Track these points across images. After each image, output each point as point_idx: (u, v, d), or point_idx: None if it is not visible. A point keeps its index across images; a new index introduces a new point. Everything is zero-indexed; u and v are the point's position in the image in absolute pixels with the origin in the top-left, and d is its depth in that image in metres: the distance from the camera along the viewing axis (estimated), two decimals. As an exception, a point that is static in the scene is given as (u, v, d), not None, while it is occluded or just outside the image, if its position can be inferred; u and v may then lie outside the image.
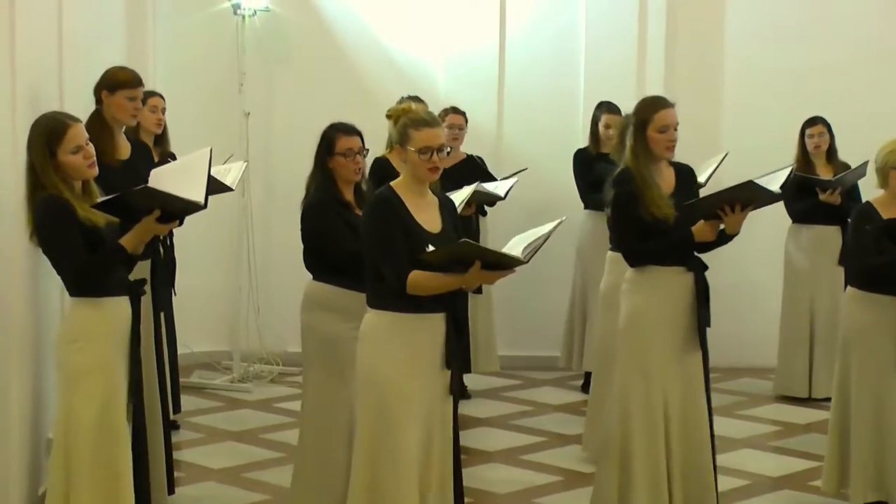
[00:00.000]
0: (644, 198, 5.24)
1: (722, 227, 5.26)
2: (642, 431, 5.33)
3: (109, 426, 4.70)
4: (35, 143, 4.65)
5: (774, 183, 5.35)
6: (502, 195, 7.35)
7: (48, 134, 4.64)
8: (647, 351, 5.34)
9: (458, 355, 4.60)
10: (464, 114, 8.08)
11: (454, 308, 4.59)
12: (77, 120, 4.76)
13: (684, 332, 5.36)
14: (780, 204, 8.09)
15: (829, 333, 8.08)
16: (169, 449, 5.74)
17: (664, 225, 5.25)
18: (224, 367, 8.81)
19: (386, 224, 4.44)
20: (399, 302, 4.44)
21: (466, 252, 4.34)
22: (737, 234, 5.29)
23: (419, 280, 4.40)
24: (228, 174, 6.49)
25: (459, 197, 6.32)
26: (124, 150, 5.64)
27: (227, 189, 6.39)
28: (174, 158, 7.14)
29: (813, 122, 8.20)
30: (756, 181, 5.21)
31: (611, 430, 5.46)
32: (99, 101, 5.65)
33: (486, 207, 7.97)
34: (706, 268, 5.41)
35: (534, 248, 4.41)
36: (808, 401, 8.20)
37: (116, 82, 5.65)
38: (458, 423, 4.74)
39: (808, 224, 8.21)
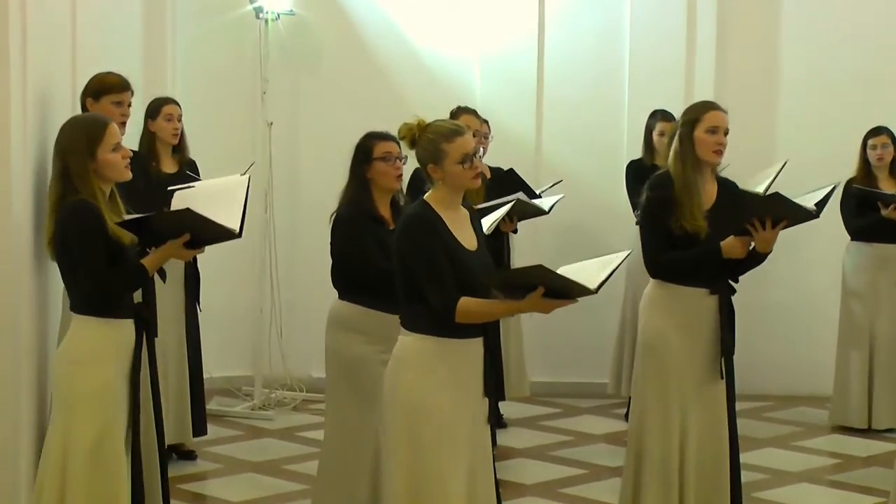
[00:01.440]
0: (681, 206, 5.21)
1: (753, 245, 5.22)
2: (655, 470, 5.29)
3: (108, 454, 4.70)
4: (74, 143, 4.66)
5: (814, 200, 5.29)
6: (546, 209, 7.30)
7: (88, 132, 4.67)
8: (666, 376, 5.31)
9: (494, 382, 4.59)
10: (487, 122, 7.97)
11: (490, 331, 4.58)
12: (110, 120, 4.81)
13: (707, 359, 5.33)
14: (839, 219, 8.06)
15: (891, 359, 8.02)
16: (165, 479, 5.67)
17: (694, 241, 5.22)
18: (244, 394, 8.79)
19: (428, 245, 4.41)
20: (441, 326, 4.42)
21: (537, 277, 4.29)
22: (768, 254, 5.24)
23: (470, 308, 4.37)
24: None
25: (497, 213, 6.30)
26: None
27: None
28: (194, 166, 7.18)
29: (876, 132, 8.14)
30: (785, 196, 5.13)
31: (625, 466, 5.42)
32: (84, 108, 5.67)
33: (517, 221, 7.91)
34: (733, 291, 5.38)
35: (604, 280, 4.35)
36: (867, 432, 8.11)
37: (101, 88, 5.67)
38: (495, 455, 4.71)
39: (869, 241, 8.14)
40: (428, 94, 8.63)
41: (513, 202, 6.71)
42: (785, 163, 7.70)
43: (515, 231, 7.65)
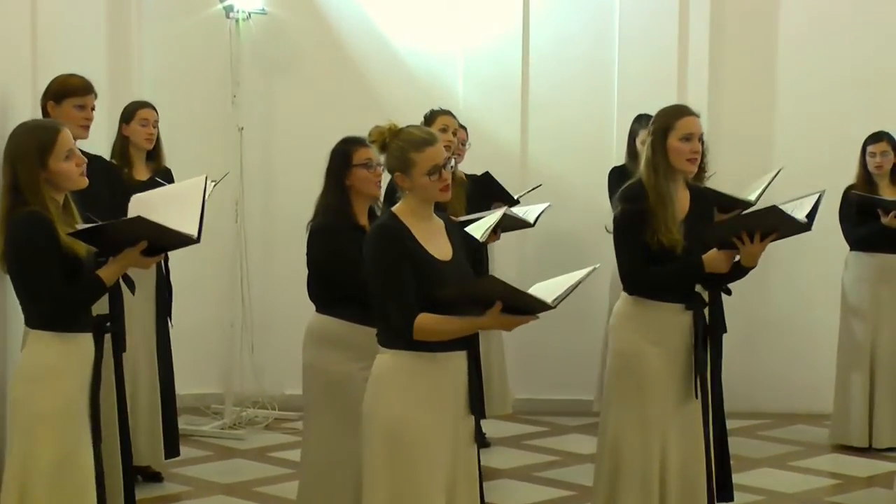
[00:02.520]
0: (655, 219, 5.20)
1: (737, 258, 5.20)
2: (634, 490, 5.28)
3: (71, 477, 4.65)
4: (23, 152, 4.62)
5: (801, 210, 5.25)
6: (531, 221, 7.29)
7: (39, 140, 4.63)
8: (644, 397, 5.29)
9: (479, 398, 4.58)
10: (465, 129, 7.93)
11: (473, 345, 4.57)
12: (63, 125, 4.76)
13: (684, 377, 5.32)
14: (838, 228, 8.08)
15: (893, 375, 8.03)
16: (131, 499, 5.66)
17: (670, 254, 5.20)
18: (214, 412, 8.78)
19: (390, 257, 4.40)
20: (409, 342, 4.40)
21: (488, 290, 4.29)
22: (753, 268, 5.22)
23: (427, 324, 4.35)
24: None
25: (486, 223, 6.29)
26: None
27: None
28: (169, 174, 7.17)
29: (876, 138, 8.16)
30: (780, 206, 5.12)
31: (596, 486, 5.42)
32: (45, 112, 5.65)
33: (500, 233, 7.90)
34: (706, 305, 5.37)
35: (562, 295, 4.34)
36: (868, 451, 8.12)
37: (63, 90, 5.66)
38: (482, 475, 4.69)
39: (869, 251, 8.15)
40: (408, 96, 8.64)
41: (501, 215, 6.71)
42: (779, 171, 7.72)
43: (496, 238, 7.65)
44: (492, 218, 6.37)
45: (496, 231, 6.93)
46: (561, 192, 8.54)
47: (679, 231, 5.20)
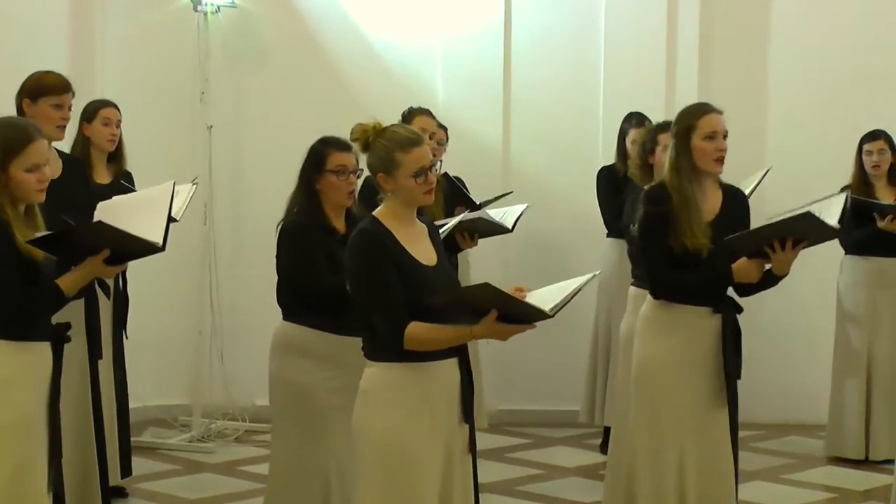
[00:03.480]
0: (679, 222, 5.21)
1: (768, 266, 5.20)
2: (649, 496, 5.30)
3: (25, 493, 4.62)
4: None
5: (829, 212, 5.26)
6: (510, 227, 7.28)
7: (6, 142, 4.59)
8: (661, 402, 5.32)
9: (472, 407, 4.56)
10: (445, 129, 7.90)
11: (464, 351, 4.55)
12: (42, 135, 4.71)
13: (707, 384, 5.33)
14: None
15: (890, 384, 8.05)
16: None
17: (694, 258, 5.21)
18: (182, 425, 8.74)
19: (375, 263, 4.38)
20: (398, 352, 4.38)
21: (483, 298, 4.27)
22: (785, 276, 5.24)
23: (418, 333, 4.34)
24: (175, 200, 6.45)
25: (447, 225, 6.31)
26: (53, 166, 5.58)
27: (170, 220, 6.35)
28: (130, 179, 7.13)
29: (872, 136, 8.17)
30: (809, 209, 5.11)
31: (611, 495, 5.44)
32: (21, 111, 5.63)
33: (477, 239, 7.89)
34: (739, 310, 5.38)
35: (561, 304, 4.31)
36: (865, 463, 8.14)
37: (40, 88, 5.64)
38: (478, 485, 4.68)
39: (866, 255, 8.17)
40: (385, 92, 8.64)
41: (462, 218, 6.72)
42: (767, 171, 7.72)
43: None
44: (452, 221, 6.39)
45: (473, 237, 6.94)
46: (544, 192, 8.56)
47: (705, 234, 5.21)
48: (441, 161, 7.79)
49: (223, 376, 8.79)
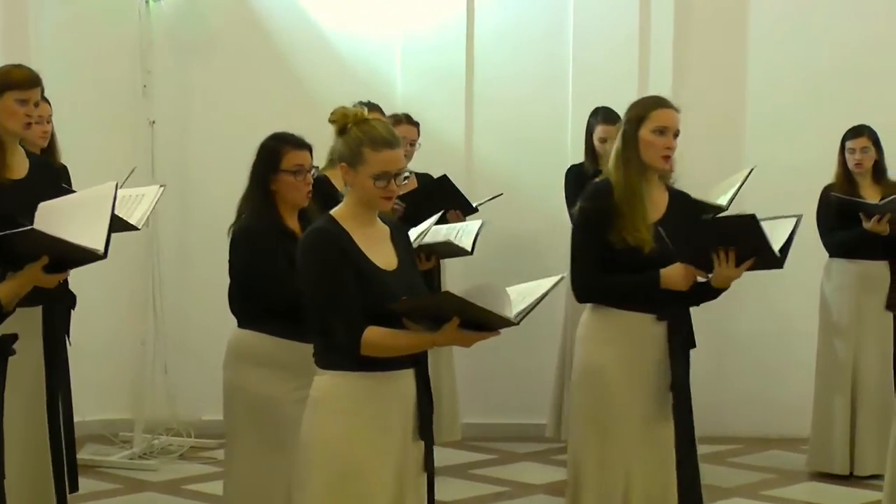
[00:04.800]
0: (621, 217, 5.20)
1: (702, 279, 5.20)
2: None
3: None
4: None
5: (774, 234, 5.21)
6: (469, 248, 7.27)
7: None
8: (607, 414, 5.31)
9: (430, 422, 4.56)
10: (417, 124, 8.00)
11: (422, 362, 4.55)
12: None
13: (654, 396, 5.33)
14: (816, 232, 8.11)
15: (877, 395, 8.06)
16: None
17: (637, 254, 5.19)
18: (123, 441, 8.70)
19: (331, 266, 4.36)
20: (359, 359, 4.37)
21: (445, 306, 4.26)
22: (724, 290, 5.23)
23: (377, 339, 4.33)
24: (138, 205, 6.42)
25: (420, 227, 6.31)
26: (18, 166, 5.57)
27: (131, 228, 6.32)
28: (65, 174, 7.08)
29: (856, 132, 8.19)
30: (760, 223, 5.03)
31: None
32: None
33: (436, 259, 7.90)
34: (685, 317, 5.38)
35: (526, 310, 4.33)
36: (849, 478, 8.16)
37: (5, 82, 5.60)
38: (435, 504, 4.69)
39: (850, 258, 8.19)
40: (341, 88, 8.55)
41: (429, 244, 6.74)
42: (751, 170, 7.74)
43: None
44: (425, 224, 6.39)
45: (430, 258, 6.96)
46: (511, 193, 8.55)
47: (649, 230, 5.20)
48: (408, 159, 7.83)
49: (167, 388, 8.74)
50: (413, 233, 6.17)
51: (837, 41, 9.21)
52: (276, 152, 5.34)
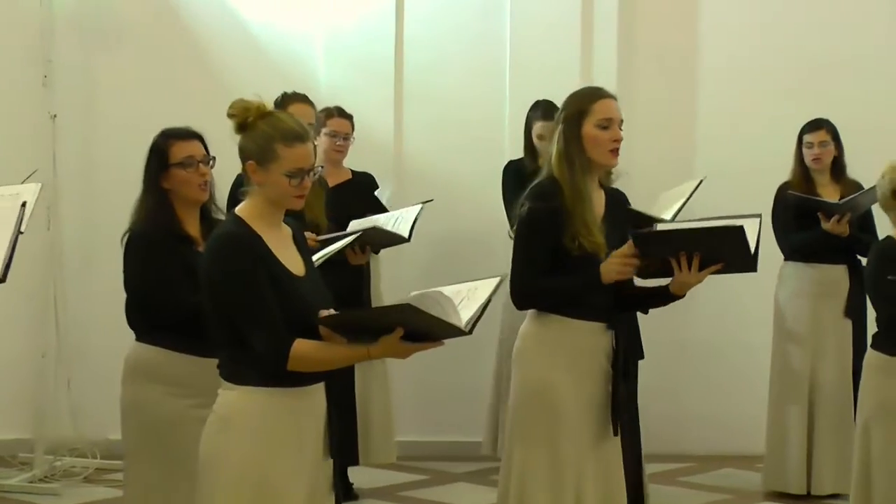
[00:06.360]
0: (573, 220, 5.16)
1: (638, 280, 5.20)
2: None
3: None
4: None
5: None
6: (406, 235, 7.25)
7: None
8: (556, 433, 5.26)
9: (338, 439, 4.53)
10: (350, 118, 8.00)
11: (333, 376, 4.52)
12: None
13: (601, 411, 5.31)
14: (771, 234, 8.13)
15: (835, 409, 8.09)
16: None
17: (594, 261, 5.15)
18: (22, 463, 8.67)
19: (247, 274, 4.31)
20: (272, 374, 4.34)
21: (403, 318, 4.21)
22: (681, 298, 5.21)
23: (306, 352, 4.31)
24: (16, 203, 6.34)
25: (334, 246, 6.29)
26: None
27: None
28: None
29: (814, 126, 8.22)
30: (744, 232, 5.00)
31: None
32: None
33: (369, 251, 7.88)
34: (632, 326, 5.34)
35: (475, 317, 4.30)
36: (806, 498, 8.19)
37: None
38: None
39: (808, 262, 8.20)
40: (259, 79, 8.48)
41: (359, 234, 6.69)
42: (701, 181, 7.75)
43: (377, 251, 7.59)
44: (341, 242, 6.37)
45: (364, 250, 6.92)
46: (445, 192, 8.55)
47: (601, 232, 5.17)
48: (337, 157, 7.80)
49: (70, 406, 8.71)
50: (323, 252, 6.25)
51: (797, 30, 9.31)
52: (162, 148, 5.34)
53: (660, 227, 5.29)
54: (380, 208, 7.78)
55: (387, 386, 8.16)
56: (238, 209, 4.45)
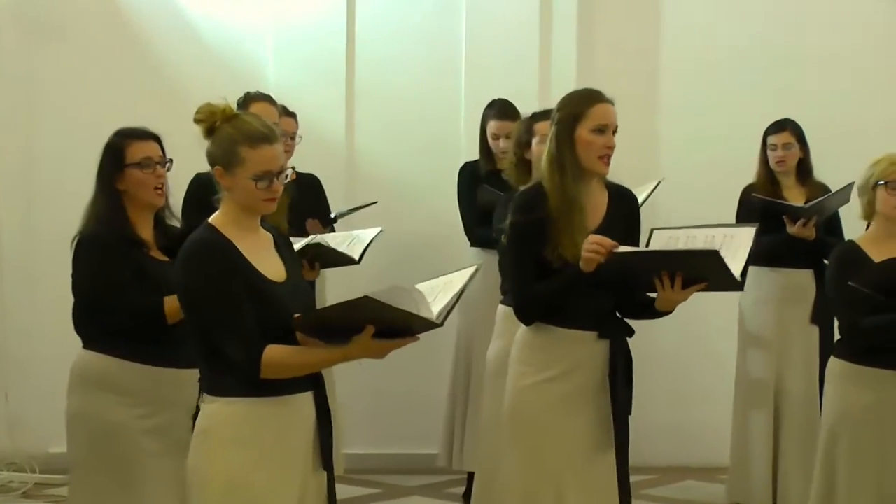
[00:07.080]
0: (556, 229, 5.16)
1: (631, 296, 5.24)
2: None
3: None
4: None
5: (734, 244, 5.18)
6: (356, 258, 7.22)
7: None
8: (540, 442, 5.28)
9: (331, 451, 4.54)
10: (295, 116, 7.98)
11: (321, 385, 4.54)
12: None
13: (594, 422, 5.30)
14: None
15: (801, 418, 8.10)
16: None
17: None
18: (-43, 477, 8.56)
19: (219, 282, 4.32)
20: (255, 383, 4.34)
21: (366, 312, 4.20)
22: (668, 313, 5.23)
23: (278, 358, 4.32)
24: None
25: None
26: None
27: None
28: None
29: (778, 127, 8.22)
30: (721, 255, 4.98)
31: None
32: None
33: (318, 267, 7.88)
34: (630, 333, 5.37)
35: (447, 309, 4.31)
36: (773, 511, 8.23)
37: None
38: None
39: (772, 266, 8.19)
40: (207, 78, 8.62)
41: (309, 242, 6.70)
42: (658, 182, 7.75)
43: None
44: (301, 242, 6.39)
45: (314, 266, 6.91)
46: (396, 192, 8.58)
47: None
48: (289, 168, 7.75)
49: (8, 418, 8.73)
50: None
51: (764, 26, 9.41)
52: (118, 148, 5.35)
53: (640, 247, 5.29)
54: (326, 211, 7.76)
55: (332, 394, 8.11)
56: (211, 218, 4.46)
